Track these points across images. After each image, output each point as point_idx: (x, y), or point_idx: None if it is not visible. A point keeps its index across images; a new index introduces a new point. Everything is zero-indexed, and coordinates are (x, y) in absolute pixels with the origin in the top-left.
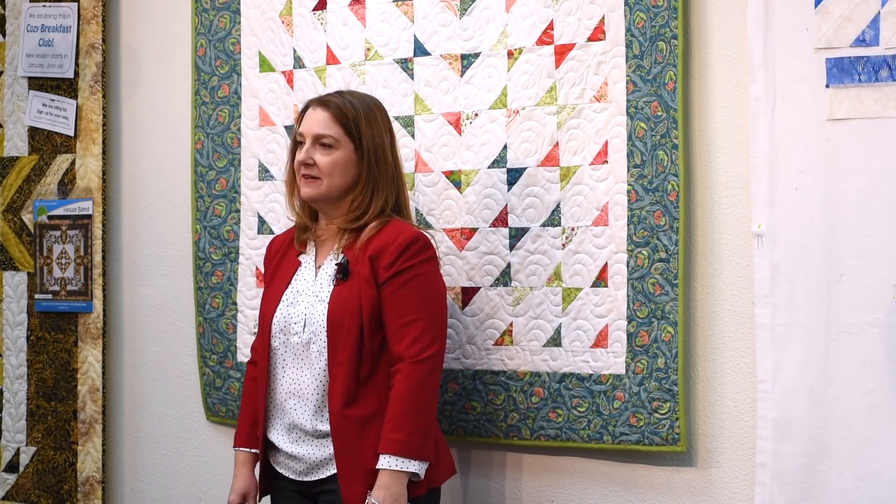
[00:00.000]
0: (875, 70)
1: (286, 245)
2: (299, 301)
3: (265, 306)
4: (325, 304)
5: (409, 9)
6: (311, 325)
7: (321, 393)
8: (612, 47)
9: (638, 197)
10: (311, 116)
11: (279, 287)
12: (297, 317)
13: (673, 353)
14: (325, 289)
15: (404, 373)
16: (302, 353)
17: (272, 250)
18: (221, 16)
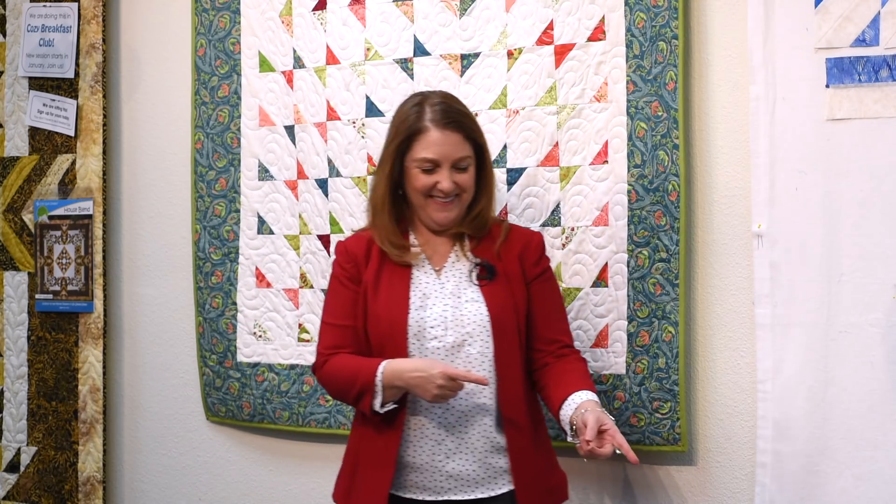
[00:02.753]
0: (875, 70)
1: (371, 252)
2: (429, 304)
3: (385, 311)
4: (479, 304)
5: (408, 9)
6: (459, 327)
7: (480, 398)
8: (613, 47)
9: (638, 197)
10: (445, 141)
11: (397, 291)
12: (433, 320)
13: (674, 353)
14: (468, 290)
15: (577, 355)
16: (446, 358)
17: (356, 257)
18: (221, 16)
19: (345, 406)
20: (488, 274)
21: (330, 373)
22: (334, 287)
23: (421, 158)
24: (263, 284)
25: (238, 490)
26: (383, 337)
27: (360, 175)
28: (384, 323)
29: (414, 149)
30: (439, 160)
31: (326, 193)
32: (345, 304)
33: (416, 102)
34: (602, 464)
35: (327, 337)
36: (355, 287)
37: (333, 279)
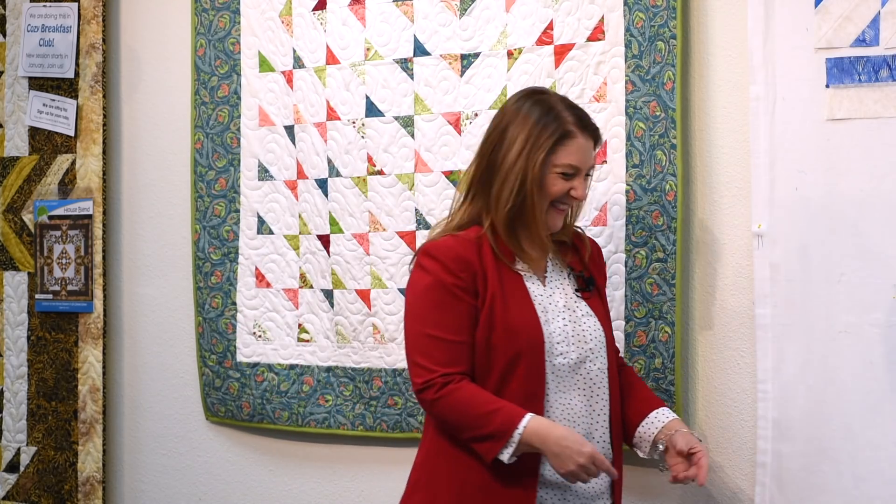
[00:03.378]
0: (875, 70)
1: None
2: (550, 318)
3: (521, 324)
4: (594, 319)
5: (408, 9)
6: (581, 343)
7: (599, 417)
8: (612, 47)
9: (636, 197)
10: (587, 147)
11: (525, 303)
12: (558, 335)
13: (670, 354)
14: (578, 304)
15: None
16: (569, 375)
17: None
18: (221, 16)
19: (344, 406)
20: (588, 286)
21: (457, 402)
22: (442, 299)
23: (565, 164)
24: (263, 284)
25: (238, 490)
26: (521, 353)
27: (359, 175)
28: (521, 337)
29: (559, 153)
30: (581, 167)
31: (326, 193)
32: (459, 318)
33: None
34: None
35: (439, 353)
36: (470, 299)
37: (439, 288)
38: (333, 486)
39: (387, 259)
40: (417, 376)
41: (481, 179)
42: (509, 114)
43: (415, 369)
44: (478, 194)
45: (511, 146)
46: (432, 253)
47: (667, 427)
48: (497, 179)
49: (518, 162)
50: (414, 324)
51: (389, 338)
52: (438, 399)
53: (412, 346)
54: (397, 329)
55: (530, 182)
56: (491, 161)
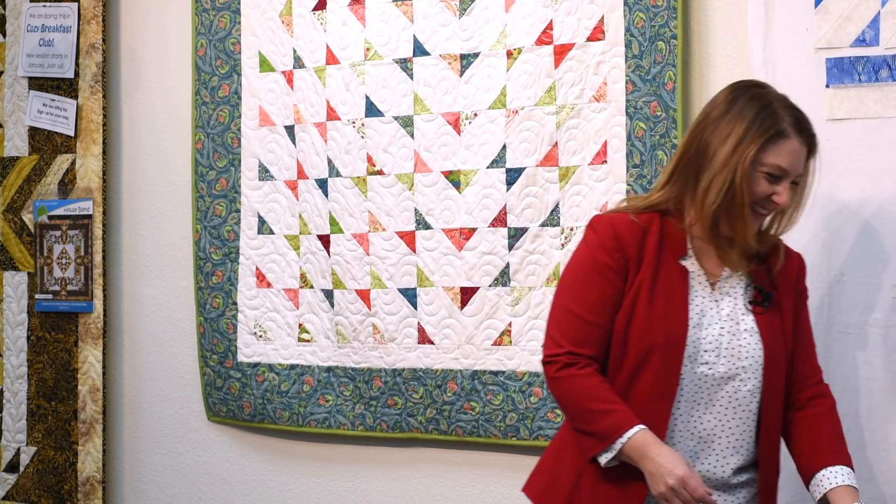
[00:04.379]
0: (875, 70)
1: (646, 245)
2: (705, 323)
3: (663, 322)
4: (756, 336)
5: (408, 9)
6: (734, 359)
7: (739, 438)
8: (612, 47)
9: None
10: (799, 151)
11: (677, 301)
12: (708, 343)
13: None
14: (745, 317)
15: (831, 400)
16: (710, 388)
17: (627, 247)
18: (221, 16)
19: (344, 406)
20: (764, 300)
21: (574, 389)
22: (589, 274)
23: (773, 164)
24: (264, 284)
25: (238, 490)
26: (655, 350)
27: (359, 175)
28: (660, 335)
29: (768, 151)
30: (789, 171)
31: (326, 193)
32: (602, 299)
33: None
34: None
35: (573, 329)
36: (617, 282)
37: (590, 263)
38: (334, 486)
39: (386, 259)
40: (546, 348)
41: (687, 166)
42: (725, 103)
43: (546, 340)
44: (680, 181)
45: (725, 140)
46: (595, 226)
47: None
48: (706, 173)
49: (731, 158)
50: (559, 295)
51: (389, 338)
52: (557, 378)
53: (552, 316)
54: (397, 329)
55: (739, 179)
56: (700, 150)
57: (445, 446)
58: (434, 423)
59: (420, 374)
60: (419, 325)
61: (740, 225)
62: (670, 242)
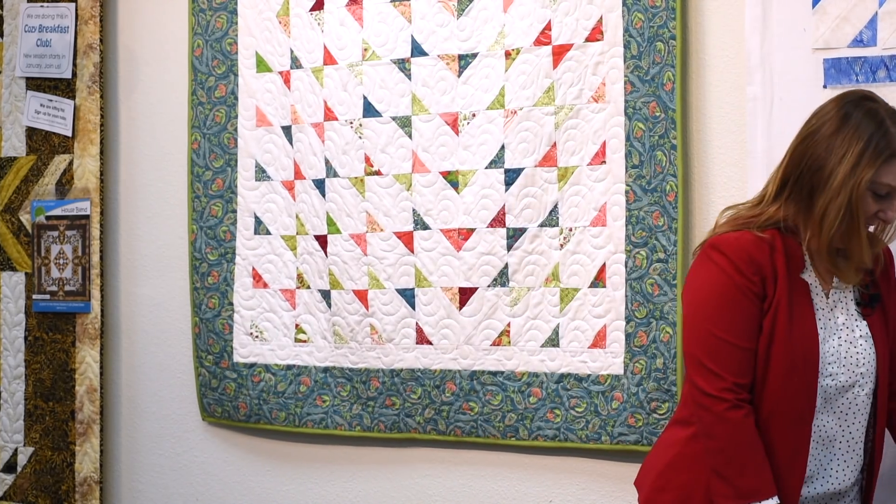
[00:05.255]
0: (873, 71)
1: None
2: (827, 336)
3: (801, 340)
4: (870, 341)
5: (406, 9)
6: (854, 366)
7: (857, 440)
8: (610, 48)
9: (636, 197)
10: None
11: (808, 317)
12: (831, 355)
13: (671, 354)
14: (858, 323)
15: None
16: (833, 397)
17: (763, 268)
18: (218, 16)
19: (342, 406)
20: (871, 301)
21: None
22: (734, 299)
23: (884, 183)
24: (260, 285)
25: (235, 491)
26: (794, 367)
27: (357, 175)
28: (799, 354)
29: (882, 172)
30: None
31: (324, 194)
32: (752, 324)
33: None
34: (599, 464)
35: (731, 360)
36: (759, 303)
37: (730, 287)
38: (331, 487)
39: (384, 259)
40: (706, 381)
41: (801, 182)
42: (836, 119)
43: (702, 371)
44: (794, 198)
45: (841, 160)
46: (722, 248)
47: None
48: (823, 194)
49: (849, 181)
50: (702, 321)
51: (387, 338)
52: (726, 420)
53: (699, 346)
54: (395, 329)
55: (855, 201)
56: (815, 167)
57: (444, 446)
58: (432, 424)
59: (418, 375)
60: (417, 326)
61: (856, 243)
62: (793, 257)
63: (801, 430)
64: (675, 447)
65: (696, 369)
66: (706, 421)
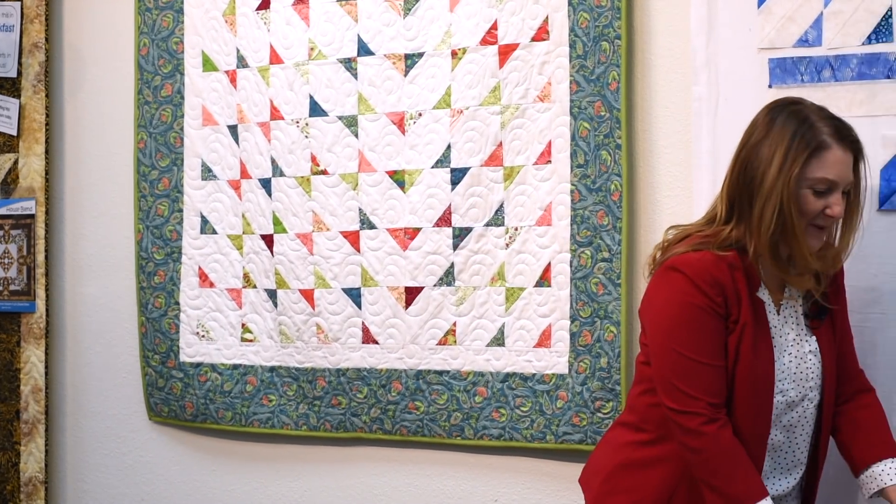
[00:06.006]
0: (818, 71)
1: (737, 283)
2: (779, 353)
3: (761, 358)
4: (818, 356)
5: (352, 8)
6: (803, 381)
7: (802, 456)
8: (556, 47)
9: (581, 197)
10: (845, 160)
11: (764, 334)
12: (782, 372)
13: (616, 353)
14: (807, 338)
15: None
16: (782, 413)
17: (725, 288)
18: (165, 15)
19: (288, 406)
20: (820, 314)
21: (720, 448)
22: (700, 318)
23: (818, 178)
24: (206, 284)
25: (181, 490)
26: (755, 387)
27: (303, 175)
28: (756, 372)
29: (812, 166)
30: (838, 181)
31: (270, 193)
32: (718, 341)
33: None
34: (544, 463)
35: (700, 379)
36: (724, 322)
37: (696, 308)
38: (277, 486)
39: (330, 259)
40: (679, 402)
41: (741, 196)
42: (762, 126)
43: (675, 394)
44: (742, 214)
45: (769, 164)
46: (683, 269)
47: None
48: (758, 200)
49: (777, 181)
50: (669, 344)
51: (333, 338)
52: (701, 433)
53: (669, 369)
54: (341, 329)
55: (787, 200)
56: (747, 178)
57: (389, 446)
58: (378, 423)
59: (364, 374)
60: (363, 325)
61: (797, 245)
62: (751, 277)
63: (759, 449)
64: (625, 450)
65: (668, 393)
66: (684, 439)
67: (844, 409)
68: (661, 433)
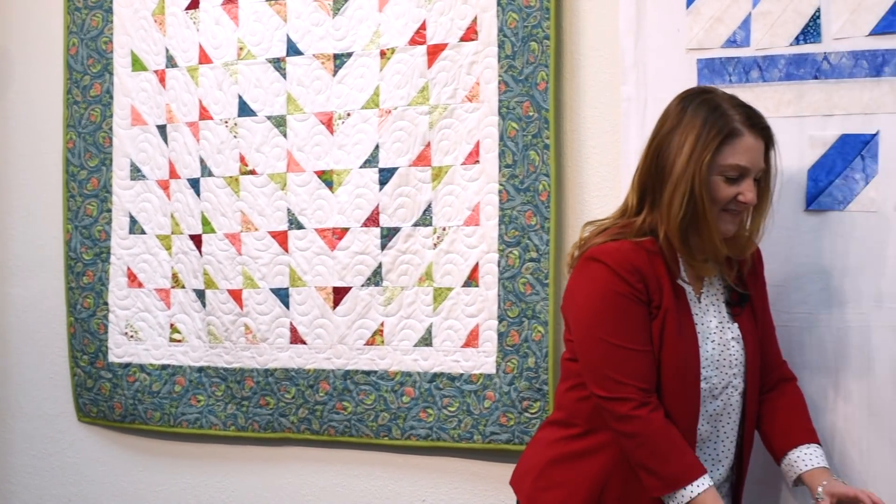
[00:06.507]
0: (746, 71)
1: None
2: (702, 340)
3: (684, 344)
4: (740, 343)
5: (282, 8)
6: (726, 368)
7: (730, 447)
8: (485, 47)
9: (509, 197)
10: (756, 147)
11: (687, 321)
12: (706, 360)
13: (543, 353)
14: (730, 325)
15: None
16: (707, 400)
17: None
18: (94, 14)
19: (216, 406)
20: (740, 301)
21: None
22: (622, 305)
23: (730, 165)
24: (135, 284)
25: (108, 491)
26: (681, 375)
27: (232, 175)
28: (681, 358)
29: (724, 153)
30: (750, 168)
31: (198, 193)
32: (643, 326)
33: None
34: (472, 463)
35: (628, 364)
36: (647, 308)
37: (618, 296)
38: (205, 487)
39: (259, 259)
40: (607, 389)
41: (652, 185)
42: (674, 115)
43: (605, 382)
44: (653, 202)
45: (679, 151)
46: (602, 258)
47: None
48: (668, 187)
49: (688, 168)
50: (594, 333)
51: (261, 338)
52: (632, 417)
53: (597, 357)
54: (269, 329)
55: (699, 187)
56: (658, 166)
57: (317, 446)
58: (306, 423)
59: (292, 374)
60: (291, 325)
61: (707, 231)
62: (670, 265)
63: (689, 437)
64: (556, 446)
65: (598, 382)
66: (617, 426)
67: (767, 398)
68: (592, 426)
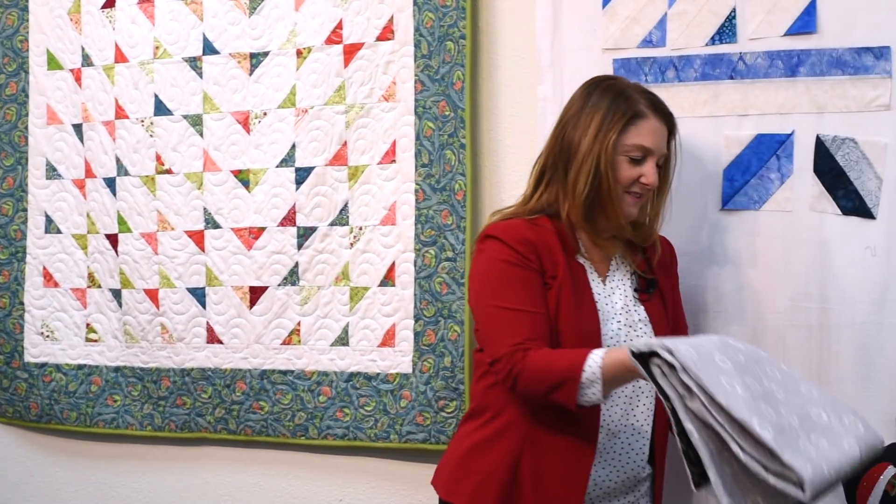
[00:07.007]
0: (661, 71)
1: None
2: (605, 319)
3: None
4: (648, 326)
5: (198, 7)
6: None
7: (644, 438)
8: (401, 47)
9: (426, 196)
10: (659, 130)
11: (586, 299)
12: (610, 339)
13: (459, 352)
14: (636, 307)
15: None
16: None
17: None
18: (9, 13)
19: (133, 406)
20: (648, 287)
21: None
22: (513, 272)
23: (634, 145)
24: (51, 284)
25: (24, 492)
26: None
27: (148, 174)
28: (576, 334)
29: (629, 133)
30: (653, 150)
31: (114, 192)
32: (535, 289)
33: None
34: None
35: (520, 324)
36: (540, 276)
37: (509, 265)
38: (122, 487)
39: (175, 258)
40: (493, 354)
41: (555, 165)
42: (580, 99)
43: (490, 349)
44: (553, 180)
45: (585, 131)
46: (494, 234)
47: None
48: (573, 166)
49: (594, 146)
50: (487, 300)
51: (178, 337)
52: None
53: (489, 322)
54: (185, 329)
55: (604, 165)
56: (564, 146)
57: (234, 446)
58: (223, 423)
59: (209, 374)
60: (208, 325)
61: (611, 210)
62: (566, 241)
63: (593, 414)
64: (470, 437)
65: (490, 344)
66: (506, 381)
67: None
68: (499, 407)
